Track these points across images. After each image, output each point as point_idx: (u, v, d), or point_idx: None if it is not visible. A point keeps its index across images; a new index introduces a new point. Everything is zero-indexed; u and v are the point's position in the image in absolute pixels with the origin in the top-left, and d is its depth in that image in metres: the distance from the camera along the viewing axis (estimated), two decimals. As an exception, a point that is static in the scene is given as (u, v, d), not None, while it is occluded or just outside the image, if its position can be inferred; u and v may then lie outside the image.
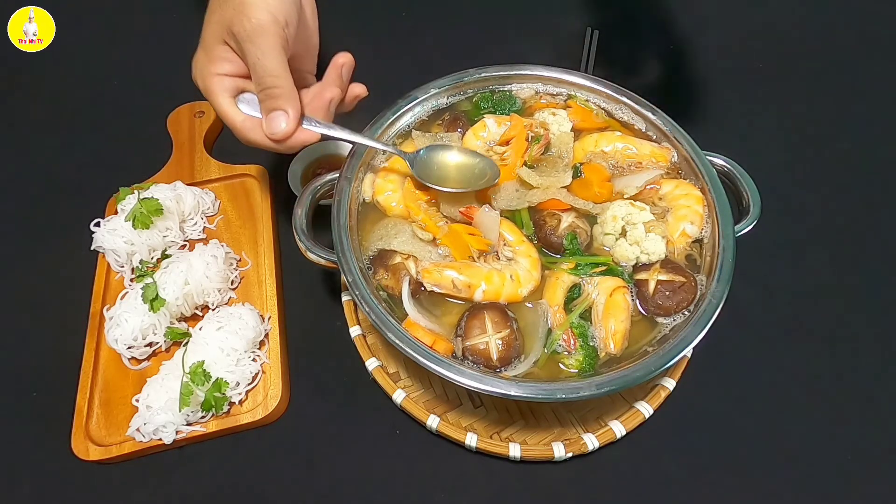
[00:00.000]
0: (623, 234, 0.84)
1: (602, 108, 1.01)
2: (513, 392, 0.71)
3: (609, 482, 0.85)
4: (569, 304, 0.81)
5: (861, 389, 0.93)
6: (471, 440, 0.84)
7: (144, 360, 0.92)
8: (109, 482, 0.85)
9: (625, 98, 0.99)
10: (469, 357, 0.76)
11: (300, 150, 0.97)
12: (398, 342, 0.74)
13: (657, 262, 0.83)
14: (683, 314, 0.79)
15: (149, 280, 0.91)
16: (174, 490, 0.84)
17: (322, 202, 0.90)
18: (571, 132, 0.95)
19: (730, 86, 1.30)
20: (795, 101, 1.29)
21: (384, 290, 0.82)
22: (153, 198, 0.98)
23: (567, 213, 0.86)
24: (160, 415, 0.83)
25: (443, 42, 1.36)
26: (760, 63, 1.35)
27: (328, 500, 0.84)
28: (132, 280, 0.98)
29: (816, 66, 1.34)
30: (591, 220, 0.88)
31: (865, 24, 1.43)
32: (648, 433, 0.87)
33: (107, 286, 0.99)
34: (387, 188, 0.89)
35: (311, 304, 1.01)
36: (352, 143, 0.89)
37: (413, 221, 0.87)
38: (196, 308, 0.96)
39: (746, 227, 0.86)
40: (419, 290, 0.81)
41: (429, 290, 0.81)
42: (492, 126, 0.94)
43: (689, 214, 0.86)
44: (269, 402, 0.88)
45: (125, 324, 0.89)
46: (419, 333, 0.76)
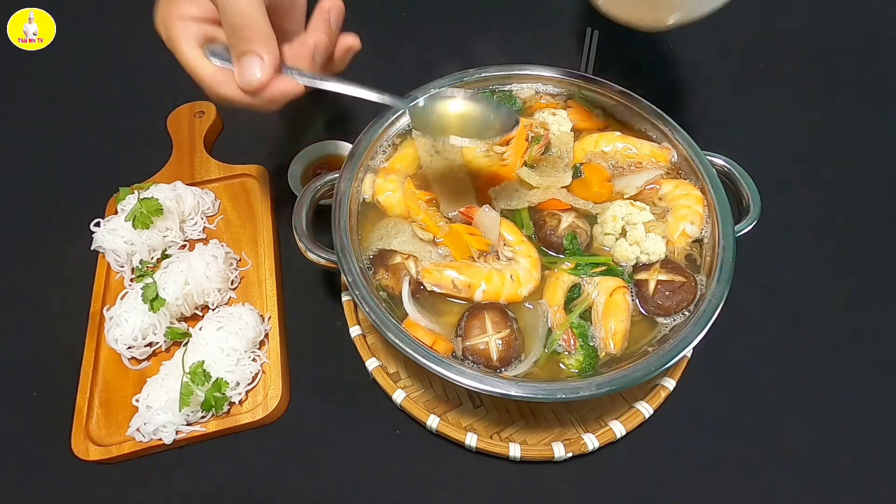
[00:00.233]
0: (623, 234, 0.84)
1: (602, 108, 1.01)
2: (513, 392, 0.71)
3: (609, 482, 0.85)
4: (569, 304, 0.81)
5: (861, 389, 0.93)
6: (471, 440, 0.84)
7: (144, 360, 0.92)
8: (109, 482, 0.85)
9: (625, 98, 0.99)
10: (469, 357, 0.76)
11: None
12: (398, 342, 0.74)
13: (657, 262, 0.83)
14: (683, 314, 0.79)
15: (149, 280, 0.91)
16: (174, 490, 0.84)
17: (322, 202, 0.90)
18: (571, 132, 0.96)
19: (730, 86, 1.30)
20: (795, 101, 1.29)
21: (384, 290, 0.82)
22: (153, 198, 0.98)
23: (567, 213, 0.86)
24: (160, 415, 0.83)
25: (443, 42, 1.36)
26: (760, 63, 1.35)
27: (328, 500, 0.84)
28: (132, 280, 0.98)
29: (816, 66, 1.34)
30: (591, 220, 0.88)
31: (866, 25, 1.43)
32: (648, 433, 0.87)
33: (107, 286, 0.99)
34: (387, 188, 0.89)
35: (311, 304, 1.01)
36: (343, 93, 0.74)
37: (413, 221, 0.87)
38: (196, 308, 0.96)
39: (746, 227, 0.86)
40: (419, 290, 0.81)
41: (429, 290, 0.81)
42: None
43: (689, 214, 0.86)
44: (269, 402, 0.88)
45: (125, 324, 0.89)
46: (419, 333, 0.76)
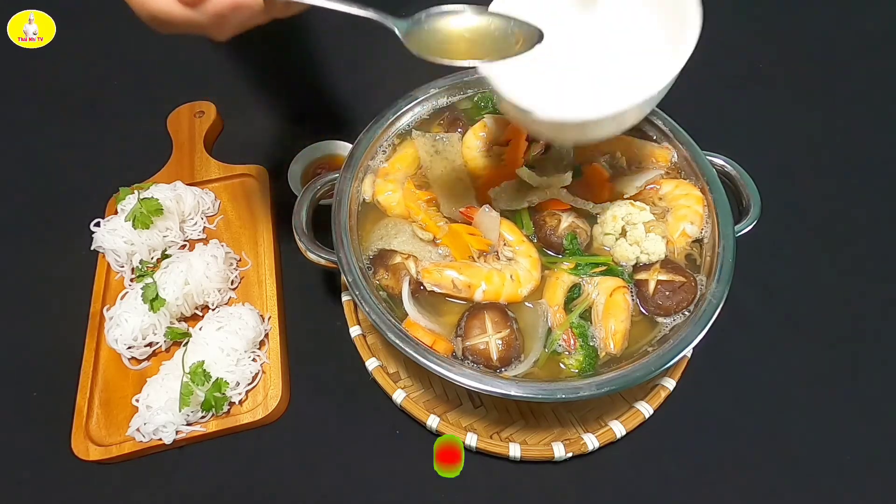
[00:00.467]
0: (623, 234, 0.84)
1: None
2: (513, 392, 0.71)
3: (609, 482, 0.85)
4: (569, 304, 0.81)
5: (861, 389, 0.93)
6: (471, 440, 0.84)
7: (144, 360, 0.92)
8: (109, 482, 0.85)
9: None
10: (469, 357, 0.76)
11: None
12: (398, 342, 0.74)
13: (657, 262, 0.83)
14: (683, 314, 0.79)
15: (149, 280, 0.91)
16: (174, 490, 0.84)
17: (322, 202, 0.90)
18: (571, 132, 0.95)
19: (730, 86, 1.30)
20: (795, 102, 1.29)
21: (384, 290, 0.82)
22: (153, 198, 0.98)
23: (567, 213, 0.86)
24: (160, 415, 0.83)
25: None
26: (760, 63, 1.35)
27: (328, 500, 0.84)
28: (132, 280, 0.98)
29: (817, 67, 1.34)
30: (591, 220, 0.88)
31: (866, 25, 1.43)
32: (648, 433, 0.87)
33: (107, 286, 0.99)
34: (387, 188, 0.89)
35: (311, 304, 1.01)
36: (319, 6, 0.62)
37: (413, 221, 0.87)
38: (196, 308, 0.96)
39: (746, 227, 0.86)
40: (419, 290, 0.81)
41: (429, 290, 0.81)
42: (492, 126, 0.94)
43: (689, 214, 0.86)
44: (269, 402, 0.88)
45: (125, 324, 0.89)
46: (419, 333, 0.76)
